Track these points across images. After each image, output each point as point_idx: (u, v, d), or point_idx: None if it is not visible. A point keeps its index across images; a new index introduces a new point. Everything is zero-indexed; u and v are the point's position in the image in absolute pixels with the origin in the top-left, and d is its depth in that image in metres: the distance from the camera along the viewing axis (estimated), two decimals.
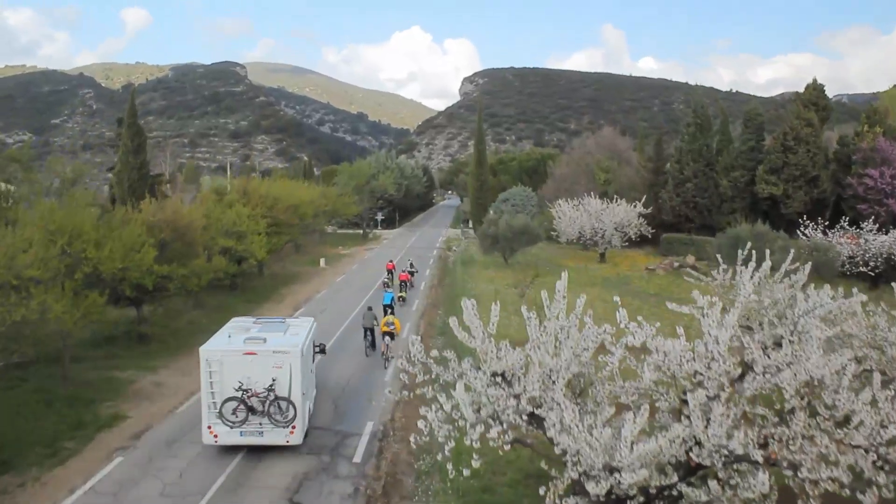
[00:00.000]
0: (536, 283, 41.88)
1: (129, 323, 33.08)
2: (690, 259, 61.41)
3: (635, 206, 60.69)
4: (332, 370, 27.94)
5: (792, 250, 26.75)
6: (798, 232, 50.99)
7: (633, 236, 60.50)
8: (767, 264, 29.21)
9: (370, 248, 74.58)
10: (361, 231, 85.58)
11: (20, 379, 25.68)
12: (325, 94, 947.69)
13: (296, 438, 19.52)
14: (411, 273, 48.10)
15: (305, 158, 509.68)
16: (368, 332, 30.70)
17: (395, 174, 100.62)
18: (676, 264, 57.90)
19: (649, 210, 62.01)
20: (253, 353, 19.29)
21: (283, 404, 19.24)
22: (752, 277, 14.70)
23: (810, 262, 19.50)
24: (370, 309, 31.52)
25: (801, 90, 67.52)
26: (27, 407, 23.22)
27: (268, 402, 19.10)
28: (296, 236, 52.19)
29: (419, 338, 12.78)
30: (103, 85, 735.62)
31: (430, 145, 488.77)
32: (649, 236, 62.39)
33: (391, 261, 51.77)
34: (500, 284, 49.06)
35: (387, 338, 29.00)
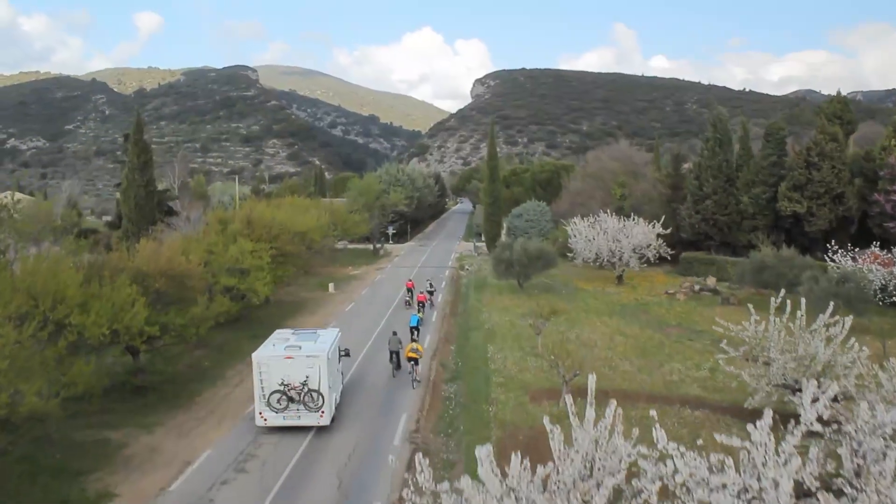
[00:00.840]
0: (554, 318, 40.01)
1: (126, 372, 31.45)
2: (711, 281, 59.33)
3: (653, 226, 58.67)
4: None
5: (831, 301, 25.02)
6: (826, 257, 48.60)
7: (651, 258, 58.49)
8: (801, 315, 27.49)
9: (381, 267, 72.90)
10: (372, 247, 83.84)
11: (8, 443, 24.10)
12: (336, 96, 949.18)
13: (324, 421, 25.85)
14: (430, 293, 50.80)
15: (317, 163, 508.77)
16: (394, 355, 33.46)
17: (407, 188, 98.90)
18: (697, 287, 55.86)
19: (668, 231, 60.00)
20: (291, 357, 25.90)
21: (315, 395, 25.68)
22: (813, 403, 12.36)
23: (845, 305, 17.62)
24: (395, 333, 34.36)
25: (815, 88, 66.20)
26: (10, 481, 21.67)
27: (303, 393, 25.58)
28: (303, 266, 50.42)
29: (426, 461, 10.87)
30: (116, 90, 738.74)
31: (441, 148, 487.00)
32: (668, 258, 60.47)
33: (410, 279, 54.47)
34: (515, 314, 47.31)
35: (412, 363, 31.96)
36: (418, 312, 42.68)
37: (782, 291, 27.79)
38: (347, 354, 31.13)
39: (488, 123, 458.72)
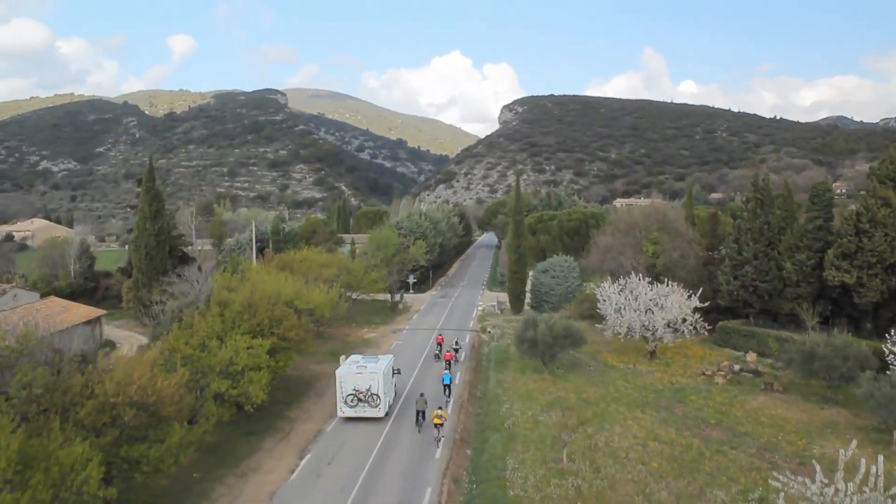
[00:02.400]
0: (583, 427, 35.91)
1: None
2: (752, 357, 54.99)
3: (689, 297, 54.31)
4: None
5: None
6: (885, 348, 43.56)
7: (687, 334, 54.05)
8: (879, 475, 23.20)
9: (398, 328, 68.98)
10: (390, 300, 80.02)
11: None
12: (364, 119, 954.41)
13: (380, 413, 39.89)
14: (455, 350, 55.75)
15: (343, 188, 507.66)
16: (420, 415, 39.24)
17: (430, 237, 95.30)
18: (737, 367, 51.50)
19: (706, 304, 55.64)
20: (360, 373, 39.74)
21: (375, 397, 39.66)
22: None
23: None
24: (422, 395, 40.64)
25: (847, 114, 62.75)
26: None
27: (367, 395, 39.55)
28: (308, 349, 46.61)
29: None
30: (147, 112, 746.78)
31: (468, 175, 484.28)
32: (706, 333, 56.12)
33: (440, 334, 60.29)
34: (539, 404, 43.34)
35: (437, 428, 37.14)
36: (447, 370, 48.19)
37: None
38: (399, 372, 46.76)
39: (516, 150, 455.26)
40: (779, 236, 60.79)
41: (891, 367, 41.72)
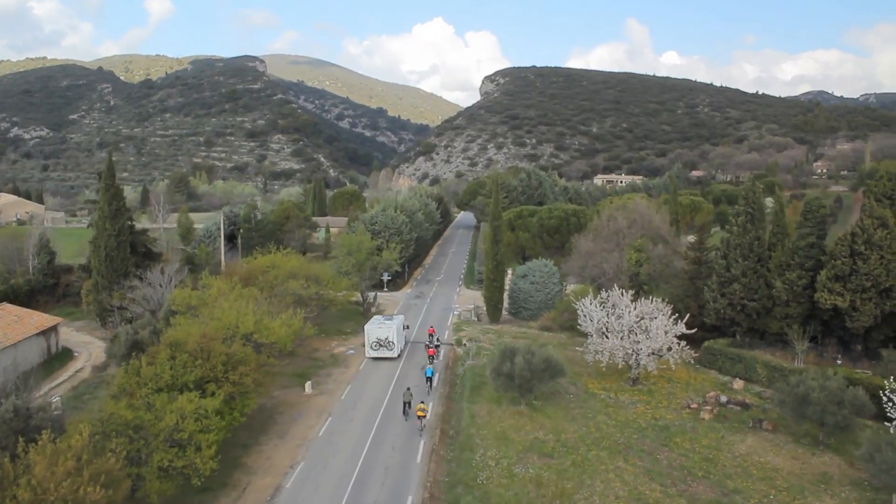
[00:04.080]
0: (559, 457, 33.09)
1: None
2: (738, 385, 52.46)
3: (675, 322, 51.38)
4: None
5: None
6: (884, 395, 40.63)
7: (673, 364, 51.18)
8: None
9: None
10: (362, 304, 76.67)
11: None
12: (344, 87, 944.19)
13: (395, 354, 58.77)
14: (437, 347, 61.34)
15: (322, 159, 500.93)
16: (406, 405, 46.07)
17: (405, 231, 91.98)
18: (724, 399, 48.91)
19: (694, 331, 52.78)
20: (381, 327, 59.14)
21: (391, 343, 58.36)
22: None
23: None
24: (408, 389, 47.69)
25: (828, 89, 60.70)
26: None
27: (386, 341, 58.27)
28: (267, 392, 43.26)
29: None
30: (123, 78, 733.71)
31: (448, 147, 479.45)
32: (692, 361, 53.41)
33: (431, 326, 67.58)
34: (515, 448, 40.47)
35: (420, 420, 43.47)
36: (430, 364, 56.09)
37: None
38: (408, 328, 67.03)
39: (497, 123, 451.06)
40: (769, 252, 58.11)
41: (887, 411, 39.35)
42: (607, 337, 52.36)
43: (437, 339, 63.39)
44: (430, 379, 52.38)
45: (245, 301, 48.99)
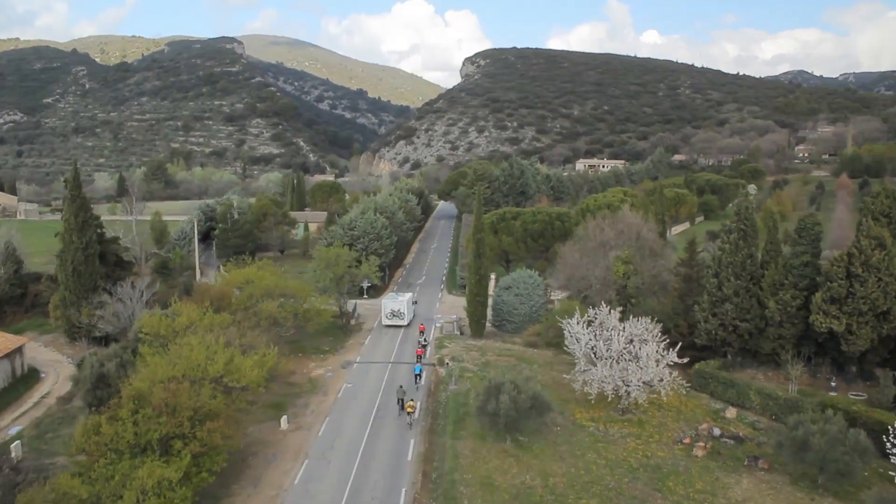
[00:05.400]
0: None
1: None
2: (731, 413, 50.58)
3: (668, 351, 49.20)
4: None
5: None
6: (887, 438, 38.79)
7: (664, 396, 49.10)
8: None
9: (349, 360, 63.06)
10: (340, 316, 73.98)
11: None
12: (324, 68, 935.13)
13: (404, 322, 74.19)
14: (423, 346, 65.41)
15: (301, 144, 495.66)
16: (399, 401, 50.88)
17: (385, 236, 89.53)
18: (717, 432, 47.01)
19: (685, 360, 50.67)
20: (393, 301, 75.22)
21: (402, 314, 74.14)
22: None
23: None
24: (401, 387, 52.67)
25: (808, 69, 67.22)
26: None
27: (398, 312, 73.93)
28: (237, 444, 40.62)
29: None
30: (98, 60, 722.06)
31: (429, 131, 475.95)
32: (685, 392, 51.33)
33: (422, 324, 73.32)
34: (503, 496, 38.38)
35: (409, 415, 48.53)
36: (419, 363, 59.78)
37: None
38: (416, 303, 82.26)
39: (477, 106, 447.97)
40: (762, 270, 56.15)
41: (889, 453, 37.72)
42: (595, 364, 50.31)
43: (425, 340, 68.45)
44: (418, 376, 56.95)
45: (216, 334, 46.32)
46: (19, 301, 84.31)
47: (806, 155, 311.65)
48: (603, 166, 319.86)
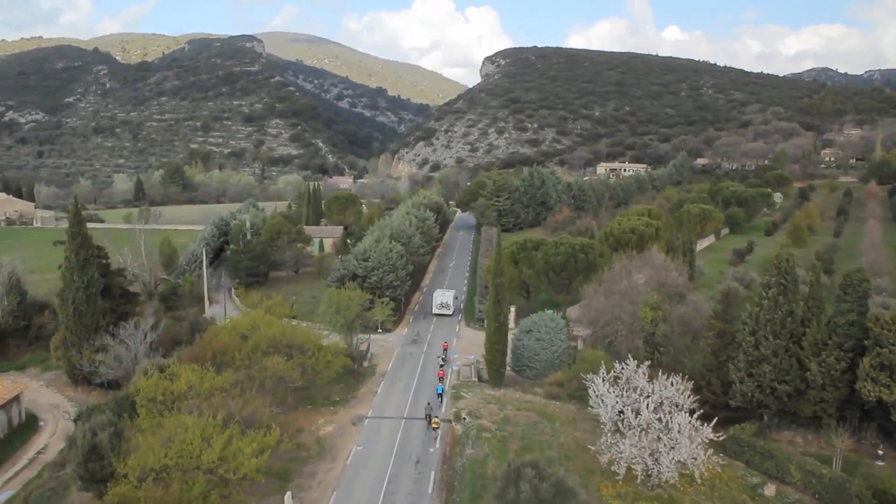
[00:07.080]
0: None
1: None
2: (770, 491, 46.63)
3: (704, 425, 45.26)
4: None
5: None
6: None
7: (698, 476, 45.25)
8: None
9: (360, 414, 59.60)
10: (351, 359, 70.03)
11: None
12: (343, 65, 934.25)
13: (450, 312, 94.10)
14: (441, 366, 68.60)
15: (321, 145, 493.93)
16: (427, 416, 56.47)
17: (400, 267, 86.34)
18: None
19: (721, 437, 46.71)
20: (442, 294, 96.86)
21: (449, 305, 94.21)
22: None
23: None
24: (429, 404, 58.26)
25: (832, 65, 61.85)
26: None
27: (445, 304, 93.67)
28: None
29: None
30: (119, 59, 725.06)
31: (448, 132, 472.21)
32: (719, 470, 47.38)
33: (445, 342, 79.09)
34: None
35: (434, 429, 54.87)
36: (441, 382, 64.12)
37: None
38: (458, 298, 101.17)
39: (497, 107, 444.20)
40: (803, 329, 52.14)
41: None
42: (622, 432, 46.58)
43: (444, 360, 71.47)
44: (440, 395, 62.43)
45: (214, 406, 43.04)
46: (23, 333, 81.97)
47: (832, 159, 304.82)
48: (625, 170, 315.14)
